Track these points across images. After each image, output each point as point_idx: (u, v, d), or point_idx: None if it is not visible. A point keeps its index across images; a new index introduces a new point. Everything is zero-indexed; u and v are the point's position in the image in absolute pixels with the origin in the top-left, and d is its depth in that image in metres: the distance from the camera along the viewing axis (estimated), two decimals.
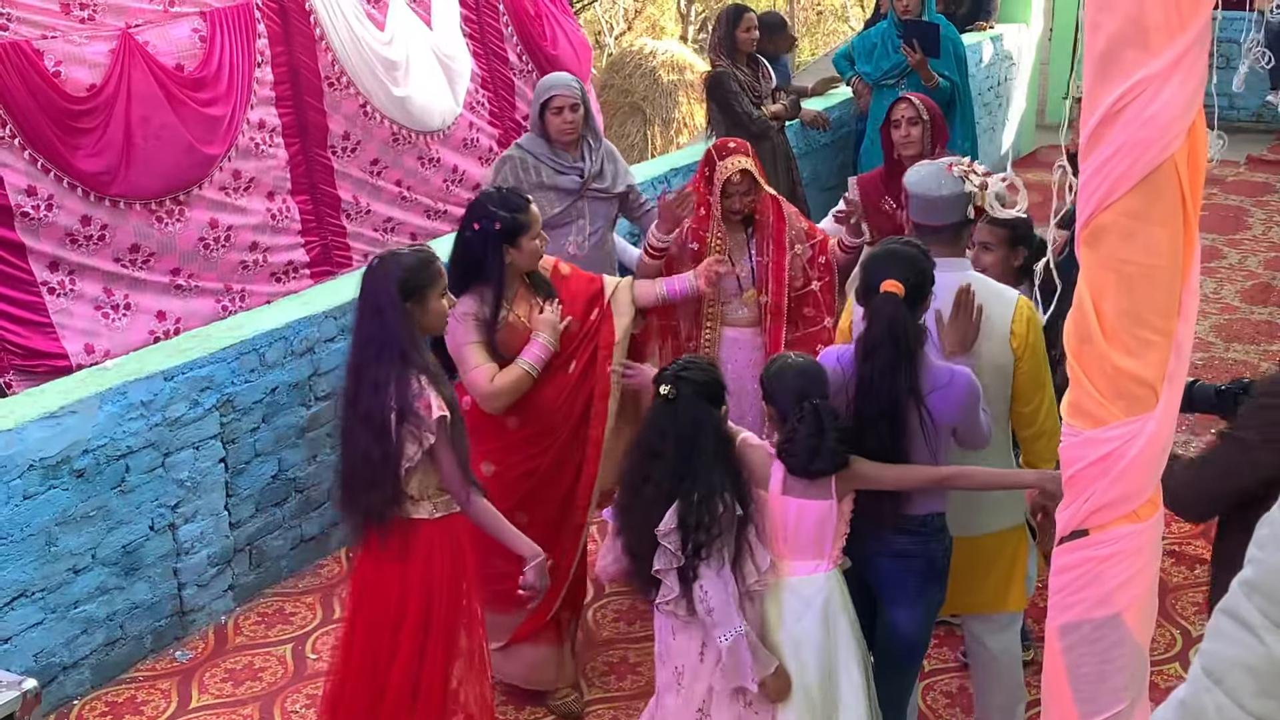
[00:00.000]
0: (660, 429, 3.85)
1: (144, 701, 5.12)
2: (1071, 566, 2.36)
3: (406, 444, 3.83)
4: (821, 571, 3.85)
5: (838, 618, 3.85)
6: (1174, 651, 5.17)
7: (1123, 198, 2.17)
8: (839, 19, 25.33)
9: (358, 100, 7.05)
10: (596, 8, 20.80)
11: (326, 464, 5.96)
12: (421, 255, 4.00)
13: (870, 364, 3.83)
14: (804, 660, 3.83)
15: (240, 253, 6.52)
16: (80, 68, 5.81)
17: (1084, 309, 2.27)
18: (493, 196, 4.67)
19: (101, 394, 5.00)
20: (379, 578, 4.01)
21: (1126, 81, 2.12)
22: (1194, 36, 2.09)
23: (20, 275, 5.69)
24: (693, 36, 21.04)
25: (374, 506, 3.91)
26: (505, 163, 5.80)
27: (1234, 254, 9.98)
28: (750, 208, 5.14)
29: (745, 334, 5.24)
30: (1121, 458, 2.27)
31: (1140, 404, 2.27)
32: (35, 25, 5.65)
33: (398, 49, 7.23)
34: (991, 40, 11.61)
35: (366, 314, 3.90)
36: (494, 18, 8.09)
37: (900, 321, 3.80)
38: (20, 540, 4.77)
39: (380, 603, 4.01)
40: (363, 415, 3.84)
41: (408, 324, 3.87)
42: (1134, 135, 2.13)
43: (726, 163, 5.07)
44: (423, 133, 7.49)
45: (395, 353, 3.82)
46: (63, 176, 5.73)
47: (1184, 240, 2.22)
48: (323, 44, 6.88)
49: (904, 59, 8.36)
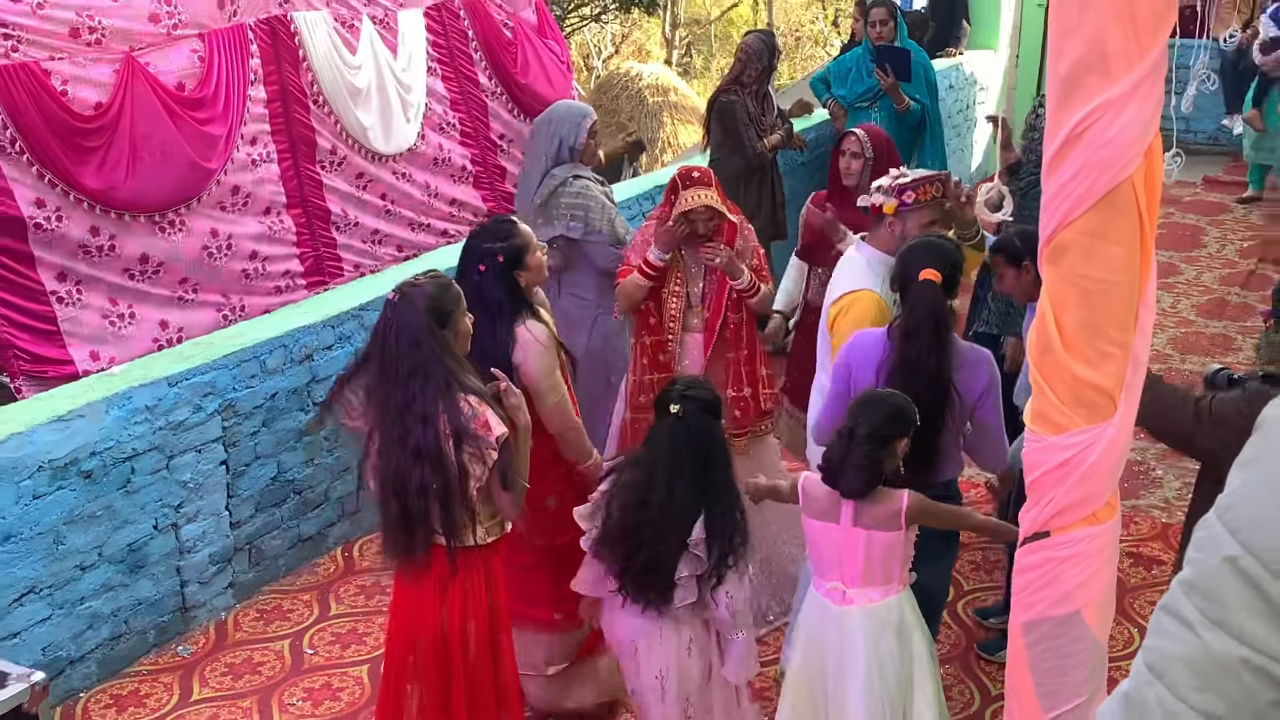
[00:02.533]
0: (675, 445, 3.88)
1: (147, 694, 5.11)
2: (1034, 566, 2.37)
3: (472, 466, 3.74)
4: (894, 595, 3.86)
5: (912, 634, 3.88)
6: (1131, 648, 5.18)
7: (1083, 216, 2.19)
8: (816, 44, 25.38)
9: (334, 121, 7.08)
10: (586, 32, 20.80)
11: (324, 467, 5.97)
12: (439, 281, 3.91)
13: (912, 345, 3.99)
14: (886, 677, 3.83)
15: (241, 262, 6.52)
16: (86, 88, 5.82)
17: (1046, 321, 2.28)
18: (482, 235, 4.62)
19: (108, 399, 4.99)
20: (423, 609, 3.91)
21: (1087, 106, 2.14)
22: (1151, 63, 2.11)
23: (30, 285, 5.69)
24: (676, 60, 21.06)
25: (433, 535, 3.81)
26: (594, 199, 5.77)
27: (1190, 270, 10.01)
28: (711, 233, 5.15)
29: (699, 338, 5.28)
30: (1081, 463, 2.28)
31: (1099, 412, 2.28)
32: (44, 47, 5.66)
33: (364, 76, 7.25)
34: (960, 66, 11.66)
35: (404, 348, 3.76)
36: (463, 43, 8.09)
37: (940, 305, 3.99)
38: (29, 539, 4.76)
39: (424, 635, 3.91)
40: (413, 450, 3.71)
41: (448, 348, 3.80)
42: (1094, 157, 2.14)
43: (688, 194, 5.06)
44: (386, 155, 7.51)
45: (441, 381, 3.73)
46: (69, 191, 5.74)
47: (1141, 257, 2.23)
48: (305, 65, 6.91)
49: (877, 83, 8.39)
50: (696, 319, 5.26)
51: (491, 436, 3.75)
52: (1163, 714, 1.53)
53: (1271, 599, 1.43)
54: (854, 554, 3.83)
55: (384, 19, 7.53)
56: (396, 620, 4.05)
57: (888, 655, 3.83)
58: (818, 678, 3.94)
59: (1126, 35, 2.08)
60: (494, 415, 3.79)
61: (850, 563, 3.86)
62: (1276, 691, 1.45)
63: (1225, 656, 1.47)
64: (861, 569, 3.84)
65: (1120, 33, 2.08)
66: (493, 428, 3.76)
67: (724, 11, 24.49)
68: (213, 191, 6.35)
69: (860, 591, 3.85)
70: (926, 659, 3.90)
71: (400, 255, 7.47)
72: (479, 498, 3.82)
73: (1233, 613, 1.46)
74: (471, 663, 3.95)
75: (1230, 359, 8.19)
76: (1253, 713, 1.46)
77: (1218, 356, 8.23)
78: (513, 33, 8.44)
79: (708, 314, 5.24)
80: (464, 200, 7.94)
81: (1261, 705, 1.46)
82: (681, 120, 15.25)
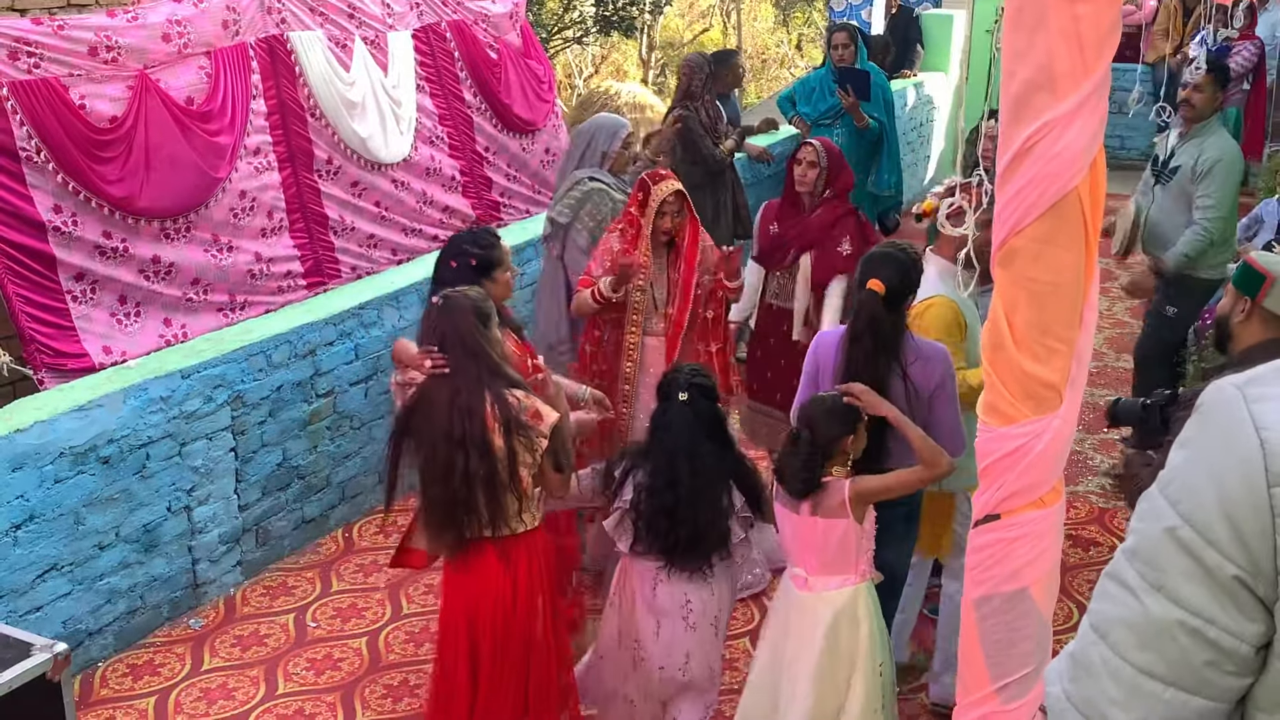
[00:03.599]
0: (690, 430, 3.91)
1: (161, 664, 5.08)
2: (985, 547, 2.38)
3: (523, 454, 3.72)
4: (850, 585, 3.85)
5: (862, 626, 3.85)
6: (1072, 623, 5.21)
7: (1033, 224, 2.19)
8: (781, 66, 25.39)
9: (330, 132, 7.06)
10: (569, 53, 20.76)
11: (326, 454, 5.95)
12: (479, 290, 3.93)
13: (855, 348, 4.05)
14: (836, 661, 3.82)
15: (245, 265, 6.50)
16: (103, 102, 5.81)
17: (997, 321, 2.29)
18: (465, 236, 4.67)
19: (125, 390, 4.97)
20: (484, 590, 3.82)
21: (1037, 122, 2.14)
22: (1096, 83, 2.11)
23: (49, 284, 5.68)
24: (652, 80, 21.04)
25: (484, 525, 3.75)
26: (594, 201, 5.73)
27: (1125, 275, 10.02)
28: (678, 227, 5.16)
29: (660, 342, 5.24)
30: (1029, 452, 2.29)
31: (1046, 404, 2.28)
32: (64, 65, 5.65)
33: (357, 91, 7.25)
34: (915, 86, 11.68)
35: (452, 344, 3.74)
36: (450, 63, 8.11)
37: (877, 314, 4.01)
38: (52, 519, 4.74)
39: (489, 612, 3.83)
40: (459, 440, 3.66)
41: (496, 345, 3.80)
42: (1043, 169, 2.15)
43: (660, 186, 5.13)
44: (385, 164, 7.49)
45: (488, 376, 3.72)
46: (91, 197, 5.72)
47: (1085, 262, 2.24)
48: (301, 80, 6.89)
49: (839, 101, 8.40)
50: (660, 323, 5.23)
51: (543, 425, 3.74)
52: (1106, 672, 1.54)
53: (1207, 566, 1.44)
54: (812, 542, 3.84)
55: (375, 39, 7.53)
56: (453, 603, 3.92)
57: (841, 642, 3.82)
58: (780, 656, 3.94)
59: (1073, 56, 2.08)
60: (543, 405, 3.79)
61: (809, 550, 3.86)
62: (1211, 652, 1.46)
63: (1164, 619, 1.48)
64: (818, 556, 3.84)
65: (1068, 54, 2.08)
66: (544, 416, 3.75)
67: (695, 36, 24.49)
68: (220, 198, 6.33)
69: (819, 579, 3.85)
70: (868, 654, 3.85)
71: (394, 259, 7.45)
72: (530, 484, 3.79)
73: (1171, 578, 1.48)
74: (539, 637, 3.89)
75: None
76: (1190, 671, 1.48)
77: None
78: (497, 54, 8.44)
79: (673, 311, 5.22)
80: (455, 207, 7.93)
81: (1197, 664, 1.47)
82: None
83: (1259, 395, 1.45)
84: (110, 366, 5.51)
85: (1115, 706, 1.53)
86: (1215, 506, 1.44)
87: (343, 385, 6.00)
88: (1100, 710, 1.55)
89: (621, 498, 3.99)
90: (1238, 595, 1.44)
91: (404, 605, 5.52)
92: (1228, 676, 1.47)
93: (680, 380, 3.99)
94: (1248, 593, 1.43)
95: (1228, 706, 1.50)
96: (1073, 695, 1.59)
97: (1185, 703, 1.49)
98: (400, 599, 5.57)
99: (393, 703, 4.86)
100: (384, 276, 6.62)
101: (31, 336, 5.63)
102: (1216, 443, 1.46)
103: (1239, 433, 1.43)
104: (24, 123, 5.53)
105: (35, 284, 5.66)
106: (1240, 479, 1.42)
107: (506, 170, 8.48)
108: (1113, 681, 1.54)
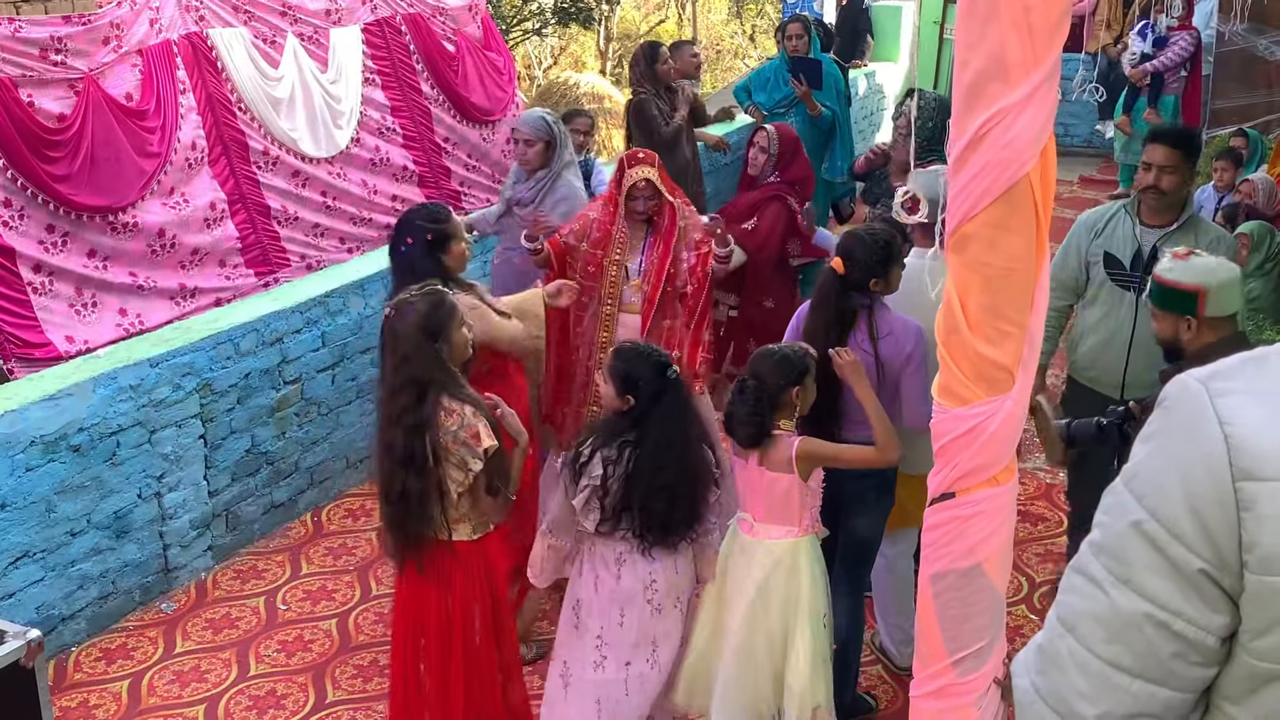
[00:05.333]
0: (684, 405, 3.84)
1: (134, 648, 5.04)
2: (941, 524, 2.37)
3: (452, 472, 3.66)
4: (791, 537, 3.87)
5: (801, 576, 3.85)
6: (1021, 595, 5.25)
7: (985, 210, 2.18)
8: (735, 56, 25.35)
9: (259, 126, 6.99)
10: (528, 45, 20.65)
11: (294, 440, 5.90)
12: (432, 297, 3.77)
13: (813, 317, 4.22)
14: (769, 608, 3.84)
15: (184, 255, 6.41)
16: (49, 101, 5.77)
17: (952, 305, 2.28)
18: (417, 212, 4.66)
19: (95, 378, 4.91)
20: (423, 599, 3.81)
21: (989, 110, 2.13)
22: (1046, 71, 2.11)
23: (9, 276, 5.62)
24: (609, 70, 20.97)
25: (421, 534, 3.71)
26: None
27: None
28: (652, 211, 5.14)
29: (634, 319, 5.21)
30: (983, 432, 2.28)
31: (999, 386, 2.28)
32: (17, 66, 5.61)
33: (284, 87, 7.17)
34: (866, 76, 11.71)
35: (397, 362, 3.68)
36: (405, 55, 8.03)
37: (834, 293, 4.15)
38: (23, 507, 4.68)
39: (428, 622, 3.81)
40: (402, 459, 3.62)
41: (440, 362, 3.68)
42: (995, 156, 2.14)
43: (633, 171, 5.11)
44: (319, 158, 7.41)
45: (436, 392, 3.64)
46: (38, 193, 5.67)
47: (1036, 246, 2.23)
48: (224, 75, 6.83)
49: (793, 90, 8.40)
50: (634, 296, 5.21)
51: (480, 447, 3.65)
52: (1074, 665, 1.53)
53: (1173, 560, 1.43)
54: (758, 491, 3.90)
55: (313, 36, 7.45)
56: (402, 609, 3.93)
57: (774, 591, 3.84)
58: (723, 594, 3.97)
59: (1024, 45, 2.08)
60: (485, 428, 3.68)
61: (755, 498, 3.92)
62: (1178, 644, 1.45)
63: (1131, 612, 1.47)
64: (764, 506, 3.89)
65: (1019, 43, 2.07)
66: (482, 439, 3.66)
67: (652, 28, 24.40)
68: (155, 190, 6.26)
69: (764, 526, 3.91)
70: (809, 608, 3.84)
71: (343, 247, 7.39)
72: (464, 501, 3.73)
73: (1137, 572, 1.46)
74: (477, 645, 3.85)
75: None
76: (1157, 663, 1.47)
77: None
78: (455, 46, 8.37)
79: (647, 288, 5.19)
80: (406, 197, 7.83)
81: (1164, 656, 1.46)
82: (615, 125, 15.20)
83: (1222, 390, 1.43)
84: (75, 356, 5.44)
85: (1083, 699, 1.52)
86: (1180, 501, 1.42)
87: (310, 372, 5.95)
88: (1068, 703, 1.54)
89: (589, 475, 3.77)
90: (1203, 588, 1.43)
91: (373, 587, 5.49)
92: (1194, 668, 1.46)
93: (657, 356, 3.83)
94: (1213, 585, 1.42)
95: (1194, 697, 1.50)
96: (1041, 688, 1.58)
97: (1152, 694, 1.48)
98: (369, 581, 5.54)
99: (363, 682, 4.83)
100: (349, 265, 6.57)
101: None
102: (1181, 437, 1.45)
103: (1203, 427, 1.42)
104: None
105: None
106: (1205, 473, 1.41)
107: (466, 160, 8.40)
108: (1080, 674, 1.53)
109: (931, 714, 2.46)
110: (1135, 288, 4.60)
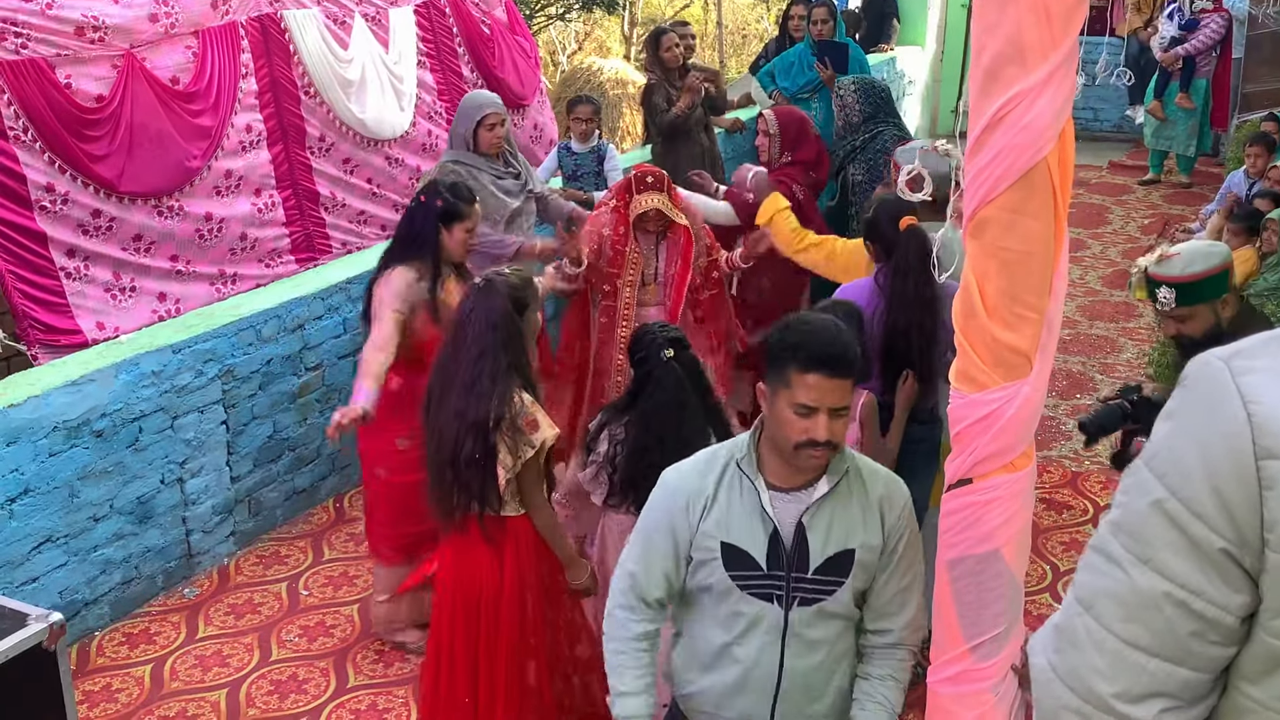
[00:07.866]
0: (679, 385, 3.87)
1: (156, 633, 5.08)
2: (958, 510, 2.38)
3: (503, 454, 3.65)
4: None
5: None
6: (1045, 584, 5.23)
7: (1003, 194, 2.18)
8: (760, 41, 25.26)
9: (325, 109, 7.01)
10: (552, 30, 20.63)
11: (316, 426, 5.93)
12: (523, 275, 3.83)
13: (908, 281, 4.06)
14: None
15: (231, 241, 6.46)
16: (89, 82, 5.77)
17: (969, 289, 2.28)
18: (445, 182, 4.67)
19: (117, 364, 4.95)
20: (473, 565, 3.79)
21: (1006, 94, 2.13)
22: (1064, 55, 2.10)
23: (41, 262, 5.64)
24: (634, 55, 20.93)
25: (474, 502, 3.70)
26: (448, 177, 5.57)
27: (1097, 245, 10.08)
28: (662, 231, 5.19)
29: (653, 312, 5.29)
30: (1000, 417, 2.29)
31: (1016, 371, 2.28)
32: (51, 45, 5.59)
33: (355, 68, 7.19)
34: (891, 60, 11.64)
35: (481, 330, 3.66)
36: (449, 39, 8.06)
37: (926, 243, 4.02)
38: (47, 492, 4.72)
39: (477, 588, 3.79)
40: (471, 423, 3.61)
41: (520, 338, 3.70)
42: (1012, 140, 2.14)
43: (641, 198, 5.14)
44: (381, 140, 7.44)
45: (507, 364, 3.64)
46: (77, 175, 5.68)
47: (1055, 231, 2.23)
48: (295, 58, 6.84)
49: (817, 75, 8.37)
50: (654, 294, 5.25)
51: (535, 435, 3.66)
52: (1091, 643, 1.53)
53: (1194, 538, 1.43)
54: None
55: (376, 16, 7.48)
56: (447, 583, 3.89)
57: None
58: None
59: (1041, 29, 2.07)
60: (545, 419, 3.69)
61: None
62: (1197, 623, 1.45)
63: (1150, 591, 1.47)
64: None
65: (1036, 26, 2.07)
66: (539, 427, 3.67)
67: (677, 11, 24.34)
68: (205, 177, 6.29)
69: None
70: None
71: (383, 235, 7.42)
72: (508, 487, 3.73)
73: (1158, 551, 1.46)
74: (529, 619, 3.84)
75: (1133, 324, 8.26)
76: (1175, 642, 1.46)
77: (1120, 322, 8.30)
78: (490, 29, 8.40)
79: (668, 302, 5.26)
80: None
81: (1183, 635, 1.46)
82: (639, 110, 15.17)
83: (1245, 368, 1.42)
84: (102, 342, 5.49)
85: (1100, 677, 1.52)
86: (1202, 480, 1.42)
87: (331, 359, 5.98)
88: (1085, 681, 1.54)
89: (596, 452, 3.97)
90: (1224, 567, 1.42)
91: None
92: (1213, 647, 1.46)
93: (659, 340, 3.93)
94: (1234, 565, 1.42)
95: (1211, 676, 1.49)
96: (1057, 666, 1.58)
97: (1170, 673, 1.48)
98: None
99: (384, 668, 4.86)
100: (370, 252, 6.59)
101: (25, 313, 5.59)
102: (1203, 415, 1.44)
103: (1226, 405, 1.41)
104: (11, 103, 5.49)
105: (28, 261, 5.62)
106: (1227, 452, 1.40)
107: None
108: (1098, 652, 1.52)
109: (948, 699, 2.47)
110: None
